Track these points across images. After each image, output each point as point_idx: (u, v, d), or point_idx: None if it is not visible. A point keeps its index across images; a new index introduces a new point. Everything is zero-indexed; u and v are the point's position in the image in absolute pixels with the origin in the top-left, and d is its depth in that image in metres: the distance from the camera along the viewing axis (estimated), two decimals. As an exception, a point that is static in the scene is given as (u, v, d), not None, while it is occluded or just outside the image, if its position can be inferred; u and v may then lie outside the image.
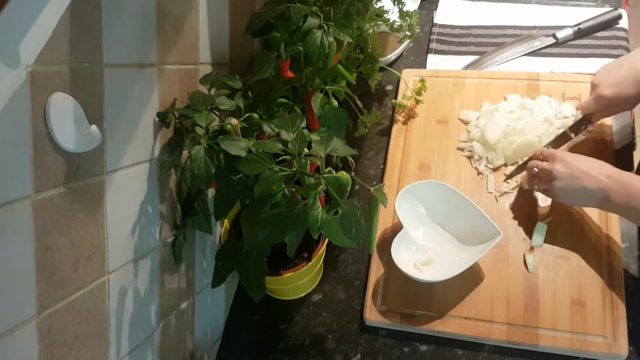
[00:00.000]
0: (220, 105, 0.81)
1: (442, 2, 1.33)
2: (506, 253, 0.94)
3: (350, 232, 0.69)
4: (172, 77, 0.81)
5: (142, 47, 0.73)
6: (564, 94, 1.09)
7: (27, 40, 0.53)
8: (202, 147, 0.72)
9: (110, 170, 0.68)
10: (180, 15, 0.81)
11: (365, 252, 1.02)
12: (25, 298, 0.57)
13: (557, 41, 1.18)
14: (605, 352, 0.82)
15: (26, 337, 0.57)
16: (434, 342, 0.90)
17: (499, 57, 1.19)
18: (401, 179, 1.06)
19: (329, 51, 0.82)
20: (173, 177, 0.84)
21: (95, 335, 0.68)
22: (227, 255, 0.83)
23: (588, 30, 1.18)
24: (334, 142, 0.74)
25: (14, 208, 0.54)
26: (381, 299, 0.93)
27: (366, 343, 0.93)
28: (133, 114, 0.73)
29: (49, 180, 0.58)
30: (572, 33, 1.18)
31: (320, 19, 0.82)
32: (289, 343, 0.96)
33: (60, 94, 0.58)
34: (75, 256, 0.63)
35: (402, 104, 1.14)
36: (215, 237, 1.00)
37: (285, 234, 0.72)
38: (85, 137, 0.62)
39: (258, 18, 0.88)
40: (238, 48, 1.02)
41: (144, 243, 0.77)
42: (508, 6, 1.29)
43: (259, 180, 0.69)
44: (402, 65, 1.25)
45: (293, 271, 0.90)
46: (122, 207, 0.72)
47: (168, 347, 0.86)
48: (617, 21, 1.18)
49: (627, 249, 0.92)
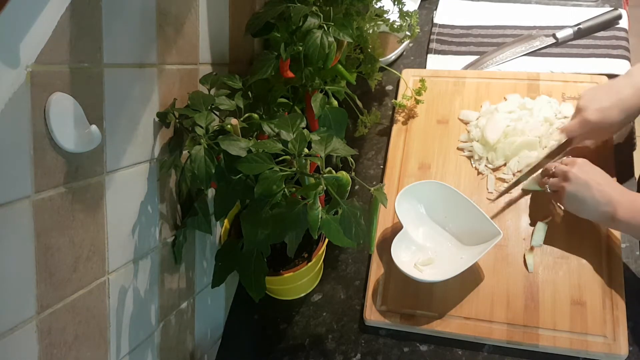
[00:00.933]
0: (220, 105, 0.81)
1: (442, 2, 1.33)
2: (506, 253, 0.94)
3: (350, 232, 0.69)
4: (172, 77, 0.81)
5: (142, 47, 0.73)
6: (564, 94, 1.09)
7: (27, 40, 0.53)
8: (202, 147, 0.72)
9: (110, 170, 0.68)
10: (180, 15, 0.81)
11: (365, 252, 1.02)
12: (25, 298, 0.57)
13: (557, 41, 1.18)
14: (606, 352, 0.82)
15: (26, 337, 0.57)
16: (434, 342, 0.90)
17: (499, 57, 1.19)
18: (401, 179, 1.06)
19: (329, 51, 0.82)
20: (173, 177, 0.84)
21: (95, 335, 0.68)
22: (227, 255, 0.83)
23: (588, 30, 1.18)
24: (334, 142, 0.74)
25: (14, 208, 0.54)
26: (381, 299, 0.93)
27: (366, 343, 0.93)
28: (133, 114, 0.73)
29: (49, 180, 0.58)
30: (572, 33, 1.18)
31: (320, 19, 0.82)
32: (289, 343, 0.96)
33: (60, 94, 0.58)
34: (75, 256, 0.63)
35: (402, 104, 1.14)
36: (215, 237, 1.00)
37: (285, 234, 0.72)
38: (85, 137, 0.62)
39: (258, 18, 0.88)
40: (238, 48, 1.02)
41: (144, 243, 0.77)
42: (508, 6, 1.29)
43: (259, 180, 0.69)
44: (402, 65, 1.25)
45: (293, 271, 0.90)
46: (122, 207, 0.72)
47: (168, 347, 0.86)
48: (617, 21, 1.18)
49: (627, 249, 0.92)
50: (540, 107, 1.06)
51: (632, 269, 0.90)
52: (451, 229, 0.97)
